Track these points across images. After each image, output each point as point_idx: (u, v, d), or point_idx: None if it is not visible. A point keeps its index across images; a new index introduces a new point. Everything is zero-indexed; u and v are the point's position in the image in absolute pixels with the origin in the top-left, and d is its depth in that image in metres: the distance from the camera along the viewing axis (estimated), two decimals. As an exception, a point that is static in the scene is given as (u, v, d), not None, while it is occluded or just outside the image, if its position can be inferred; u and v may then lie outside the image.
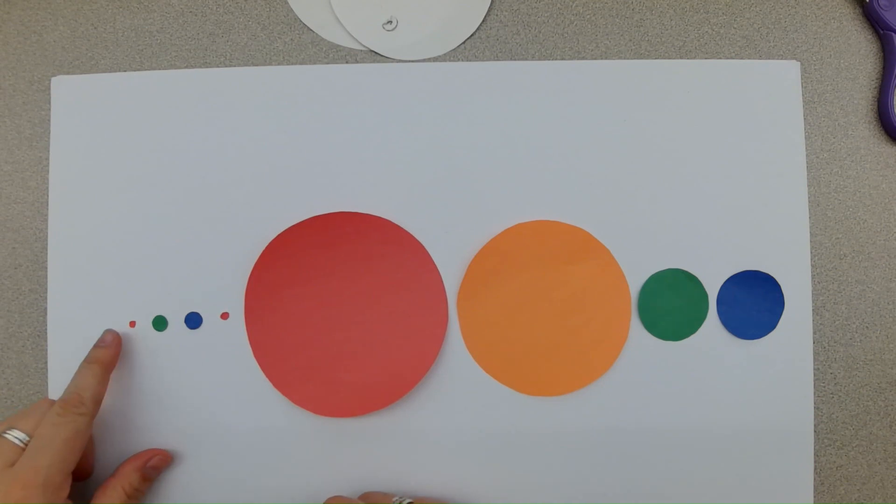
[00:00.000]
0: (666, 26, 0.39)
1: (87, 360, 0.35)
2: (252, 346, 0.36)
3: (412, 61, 0.38)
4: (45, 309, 0.37)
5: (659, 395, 0.36)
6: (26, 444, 0.32)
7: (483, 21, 0.38)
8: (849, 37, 0.39)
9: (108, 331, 0.36)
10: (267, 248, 0.36)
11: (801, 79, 0.38)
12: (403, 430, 0.36)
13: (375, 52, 0.38)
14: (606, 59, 0.38)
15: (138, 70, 0.38)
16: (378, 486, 0.36)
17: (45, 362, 0.37)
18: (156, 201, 0.37)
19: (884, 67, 0.38)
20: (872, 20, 0.38)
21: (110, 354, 0.35)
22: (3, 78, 0.38)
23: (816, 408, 0.37)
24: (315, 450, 0.36)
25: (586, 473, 0.36)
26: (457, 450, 0.36)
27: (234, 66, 0.38)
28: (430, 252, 0.37)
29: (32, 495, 0.30)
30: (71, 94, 0.37)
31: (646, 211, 0.37)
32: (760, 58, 0.38)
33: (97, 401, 0.34)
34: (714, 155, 0.37)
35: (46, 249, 0.37)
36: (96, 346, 0.35)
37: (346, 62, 0.38)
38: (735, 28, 0.39)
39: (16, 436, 0.32)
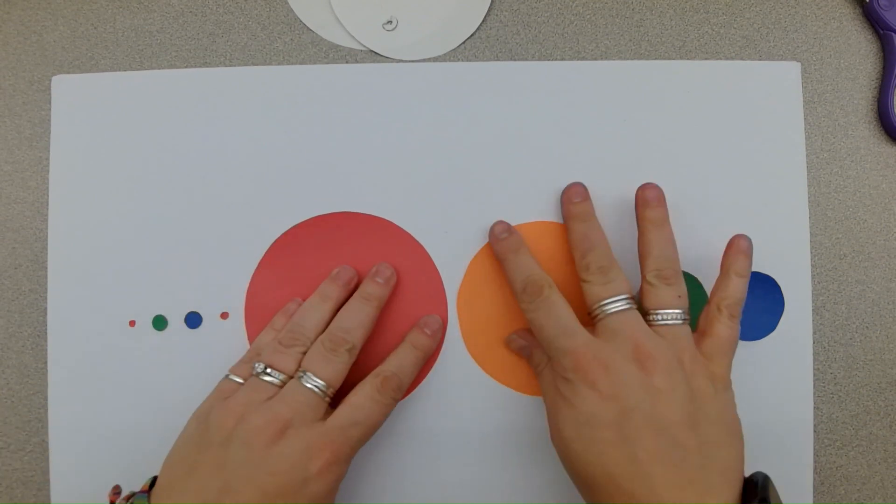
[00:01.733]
0: (666, 26, 0.39)
1: (413, 345, 0.34)
2: (252, 346, 0.36)
3: (412, 61, 0.38)
4: (45, 309, 0.37)
5: (659, 395, 0.36)
6: (325, 393, 0.31)
7: (483, 21, 0.38)
8: (849, 37, 0.39)
9: (432, 317, 0.36)
10: (270, 248, 0.36)
11: (802, 79, 0.38)
12: (403, 430, 0.36)
13: (375, 52, 0.38)
14: (606, 59, 0.38)
15: (138, 70, 0.38)
16: (377, 486, 0.36)
17: (45, 362, 0.37)
18: (156, 201, 0.37)
19: (884, 67, 0.38)
20: (872, 20, 0.38)
21: (433, 344, 0.35)
22: (3, 78, 0.38)
23: (816, 408, 0.37)
24: (315, 450, 0.36)
25: (586, 473, 0.36)
26: (457, 450, 0.36)
27: (234, 66, 0.38)
28: (430, 252, 0.37)
29: (334, 467, 0.30)
30: (71, 93, 0.37)
31: (646, 211, 0.37)
32: (760, 58, 0.38)
33: (405, 390, 0.33)
34: (714, 155, 0.37)
35: (46, 249, 0.37)
36: (421, 333, 0.35)
37: (346, 62, 0.38)
38: (735, 28, 0.39)
39: (317, 385, 0.31)
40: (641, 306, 0.32)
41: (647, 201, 0.34)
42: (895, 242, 0.38)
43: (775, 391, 0.37)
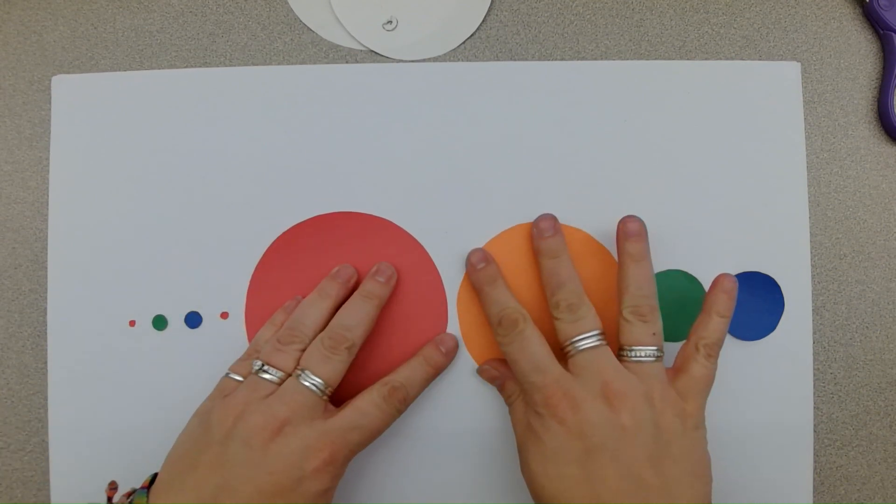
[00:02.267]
0: (666, 26, 0.39)
1: (426, 361, 0.35)
2: (252, 346, 0.36)
3: (412, 61, 0.38)
4: (45, 309, 0.37)
5: (659, 395, 0.36)
6: (323, 392, 0.31)
7: (483, 21, 0.38)
8: (849, 37, 0.39)
9: (449, 335, 0.36)
10: (269, 247, 0.36)
11: (802, 79, 0.38)
12: (403, 430, 0.36)
13: (375, 52, 0.38)
14: (606, 59, 0.38)
15: (138, 70, 0.38)
16: (377, 486, 0.36)
17: (45, 362, 0.37)
18: (156, 201, 0.37)
19: (884, 67, 0.38)
20: (872, 20, 0.38)
21: (447, 363, 0.36)
22: (3, 78, 0.38)
23: (816, 408, 0.37)
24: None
25: (586, 473, 0.36)
26: (457, 450, 0.36)
27: (234, 66, 0.38)
28: (430, 252, 0.37)
29: (330, 467, 0.30)
30: (71, 93, 0.37)
31: (646, 212, 0.37)
32: (760, 58, 0.38)
33: (411, 402, 0.34)
34: (714, 155, 0.37)
35: (46, 249, 0.37)
36: (437, 350, 0.35)
37: (346, 62, 0.38)
38: (735, 28, 0.39)
39: (315, 383, 0.31)
40: (616, 341, 0.32)
41: (628, 234, 0.33)
42: (895, 242, 0.38)
43: (775, 391, 0.37)
